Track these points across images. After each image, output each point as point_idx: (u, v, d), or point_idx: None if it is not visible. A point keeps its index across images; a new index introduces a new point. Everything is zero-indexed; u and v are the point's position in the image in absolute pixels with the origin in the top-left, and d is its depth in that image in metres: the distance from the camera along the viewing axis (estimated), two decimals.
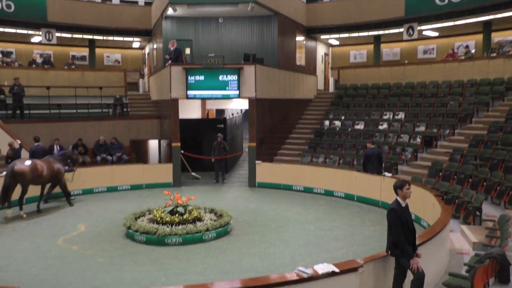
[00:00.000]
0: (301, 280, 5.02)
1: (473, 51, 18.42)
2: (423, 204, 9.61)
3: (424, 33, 19.11)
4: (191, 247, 8.58)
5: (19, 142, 13.03)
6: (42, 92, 17.02)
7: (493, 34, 17.85)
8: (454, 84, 16.79)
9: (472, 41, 19.16)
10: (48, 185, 11.95)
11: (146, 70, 23.13)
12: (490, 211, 9.89)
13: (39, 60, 19.31)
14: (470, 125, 14.30)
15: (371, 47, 21.39)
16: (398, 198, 5.58)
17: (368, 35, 20.18)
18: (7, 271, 7.40)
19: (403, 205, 5.57)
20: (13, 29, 18.48)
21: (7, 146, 12.93)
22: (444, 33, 19.40)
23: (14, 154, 12.68)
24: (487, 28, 17.46)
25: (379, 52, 21.01)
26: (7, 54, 20.18)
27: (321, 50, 22.35)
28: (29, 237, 9.26)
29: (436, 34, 19.51)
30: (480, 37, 18.22)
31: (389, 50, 21.91)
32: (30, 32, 19.00)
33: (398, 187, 5.58)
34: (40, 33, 18.83)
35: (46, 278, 7.10)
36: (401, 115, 16.21)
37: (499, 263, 6.01)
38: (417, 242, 5.90)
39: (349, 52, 23.28)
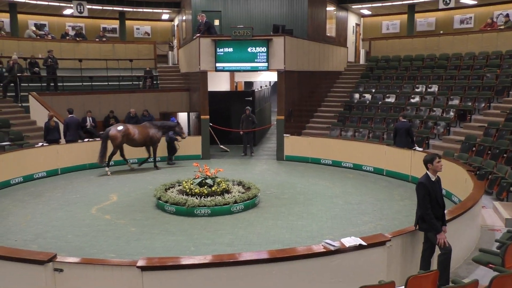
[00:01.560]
0: (328, 253, 5.06)
1: None
2: (455, 180, 9.42)
3: (462, 1, 18.32)
4: (219, 218, 8.72)
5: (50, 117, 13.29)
6: (75, 65, 17.35)
7: None
8: (491, 55, 16.12)
9: None
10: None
11: (175, 42, 23.16)
12: None
13: (71, 33, 19.60)
14: (507, 98, 13.78)
15: (404, 17, 20.70)
16: (428, 172, 5.52)
17: (402, 4, 19.51)
18: (45, 238, 7.74)
19: (433, 179, 5.50)
20: (45, 1, 18.75)
21: (46, 117, 13.27)
22: (483, 1, 18.54)
23: (56, 127, 13.13)
24: None
25: (413, 22, 20.32)
26: (40, 26, 20.55)
27: (352, 20, 21.78)
28: (65, 205, 9.61)
29: (474, 2, 18.65)
30: None
31: (423, 20, 21.15)
32: (62, 4, 19.24)
33: (429, 161, 5.53)
34: (72, 5, 19.04)
35: (81, 245, 7.38)
36: (434, 88, 15.75)
37: None
38: (447, 218, 5.83)
39: (381, 22, 22.62)
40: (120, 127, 12.52)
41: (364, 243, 5.21)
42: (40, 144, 12.58)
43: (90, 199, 10.07)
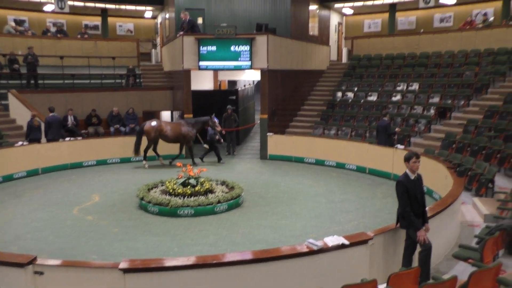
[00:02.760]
0: (311, 252, 5.09)
1: (491, 19, 17.90)
2: (435, 176, 9.56)
3: (441, 0, 18.55)
4: (203, 218, 8.70)
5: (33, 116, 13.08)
6: (56, 62, 17.07)
7: None
8: (470, 53, 16.41)
9: (491, 9, 18.57)
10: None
11: (158, 40, 22.98)
12: (503, 183, 9.84)
13: (52, 29, 19.27)
14: (485, 96, 14.05)
15: (386, 15, 20.91)
16: (407, 171, 5.61)
17: (383, 3, 19.71)
18: (25, 239, 7.62)
19: (412, 177, 5.58)
20: None
21: (26, 115, 13.06)
22: (462, 0, 18.82)
23: (39, 126, 12.95)
24: None
25: (394, 21, 20.55)
26: (20, 22, 20.13)
27: (334, 19, 21.91)
28: (46, 206, 9.48)
29: (453, 1, 18.93)
30: (499, 4, 17.68)
31: (404, 19, 21.39)
32: (42, 0, 18.88)
33: (406, 160, 5.64)
34: (53, 1, 18.70)
35: (62, 247, 7.29)
36: (415, 86, 15.97)
37: (509, 234, 6.01)
38: (428, 214, 5.92)
39: (363, 21, 22.80)
40: (154, 123, 12.99)
41: (347, 242, 5.26)
42: (20, 143, 12.37)
43: (71, 200, 9.95)
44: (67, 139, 13.32)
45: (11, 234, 7.86)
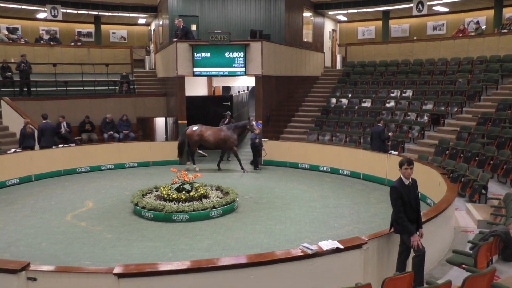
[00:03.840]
0: (306, 256, 5.09)
1: (483, 27, 18.11)
2: (429, 182, 9.60)
3: (434, 8, 18.77)
4: (198, 223, 8.68)
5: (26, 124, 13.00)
6: (49, 69, 17.04)
7: (505, 10, 17.50)
8: (463, 61, 16.56)
9: (483, 17, 18.82)
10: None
11: (152, 47, 23.00)
12: (496, 189, 9.88)
13: (45, 37, 19.25)
14: (478, 103, 14.16)
15: (379, 23, 21.09)
16: (402, 176, 5.62)
17: (377, 11, 19.87)
18: (17, 246, 7.55)
19: (406, 183, 5.60)
20: (18, 5, 18.38)
21: (19, 123, 12.98)
22: (455, 8, 19.05)
23: (32, 133, 12.88)
24: (498, 3, 17.11)
25: (388, 28, 20.72)
26: (13, 30, 20.13)
27: (328, 26, 22.06)
28: (39, 213, 9.40)
29: (446, 9, 19.16)
30: (491, 12, 17.88)
31: (398, 26, 21.59)
32: (35, 7, 18.88)
33: (399, 166, 5.66)
34: (46, 9, 18.70)
35: (56, 253, 7.23)
36: (408, 93, 16.07)
37: (503, 240, 6.04)
38: (422, 220, 5.93)
39: (357, 28, 22.98)
40: (195, 127, 13.28)
41: (341, 246, 5.26)
42: (13, 150, 12.29)
43: (65, 206, 9.88)
44: (61, 145, 13.26)
45: (4, 241, 7.78)
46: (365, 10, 19.83)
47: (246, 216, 9.19)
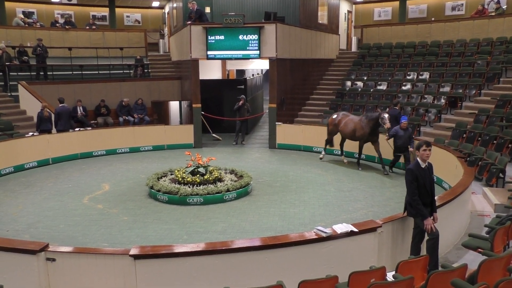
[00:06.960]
0: (320, 239, 5.10)
1: (504, 7, 17.57)
2: (446, 166, 9.50)
3: None
4: (212, 206, 8.75)
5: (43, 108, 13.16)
6: (64, 53, 17.14)
7: None
8: (482, 42, 16.17)
9: None
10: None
11: (166, 30, 22.94)
12: None
13: (60, 20, 19.33)
14: (497, 85, 13.86)
15: (396, 4, 20.66)
16: (418, 159, 5.56)
17: None
18: (36, 228, 7.72)
19: (423, 166, 5.54)
20: None
21: (36, 106, 13.15)
22: None
23: (49, 117, 13.06)
24: None
25: (405, 9, 20.31)
26: (28, 14, 20.23)
27: (344, 7, 21.68)
28: (57, 195, 9.58)
29: None
30: None
31: (415, 7, 21.12)
32: None
33: (416, 148, 5.61)
34: None
35: (73, 235, 7.38)
36: (425, 75, 15.80)
37: None
38: (438, 204, 5.89)
39: (373, 9, 22.55)
40: (335, 115, 12.47)
41: (355, 230, 5.26)
42: (31, 133, 12.49)
43: (82, 189, 10.04)
44: (77, 129, 13.41)
45: (23, 222, 7.97)
46: None
47: (260, 200, 9.22)
